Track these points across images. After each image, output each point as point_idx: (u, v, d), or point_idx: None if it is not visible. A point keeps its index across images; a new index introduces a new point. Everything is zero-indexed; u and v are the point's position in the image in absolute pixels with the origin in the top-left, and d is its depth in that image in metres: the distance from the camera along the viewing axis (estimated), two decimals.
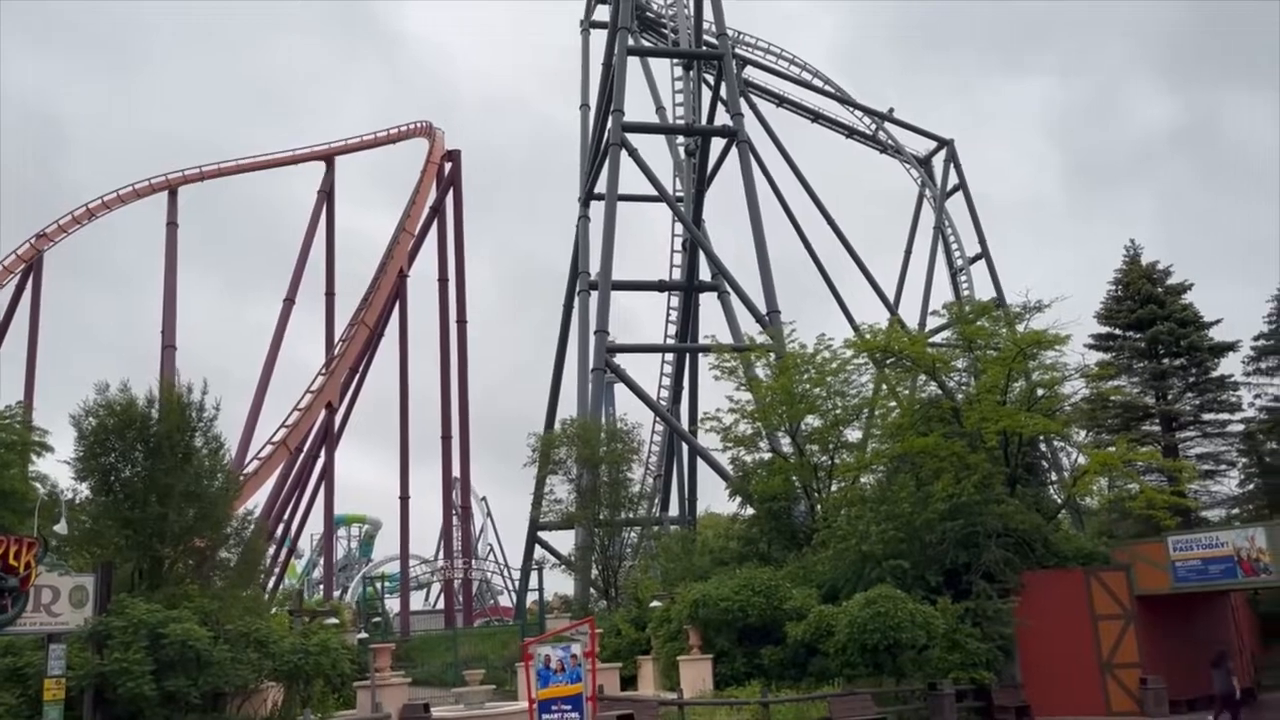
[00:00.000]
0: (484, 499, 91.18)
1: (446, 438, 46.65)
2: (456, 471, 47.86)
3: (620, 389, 48.45)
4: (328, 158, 49.84)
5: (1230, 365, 35.00)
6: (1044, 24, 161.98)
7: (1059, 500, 28.10)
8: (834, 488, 28.16)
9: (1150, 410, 33.89)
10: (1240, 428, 34.16)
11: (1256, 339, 35.53)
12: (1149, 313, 34.50)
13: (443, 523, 53.77)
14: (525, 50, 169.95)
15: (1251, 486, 34.82)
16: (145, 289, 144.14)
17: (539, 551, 38.38)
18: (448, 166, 52.03)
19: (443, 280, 49.39)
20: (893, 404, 29.31)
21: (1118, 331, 35.50)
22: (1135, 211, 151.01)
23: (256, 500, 37.09)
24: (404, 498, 46.33)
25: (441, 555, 61.38)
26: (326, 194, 49.26)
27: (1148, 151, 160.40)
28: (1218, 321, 34.67)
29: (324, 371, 44.83)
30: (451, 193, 51.68)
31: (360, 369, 48.54)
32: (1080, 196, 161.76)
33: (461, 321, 49.39)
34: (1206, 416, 34.09)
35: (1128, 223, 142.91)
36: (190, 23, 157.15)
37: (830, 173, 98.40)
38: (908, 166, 61.82)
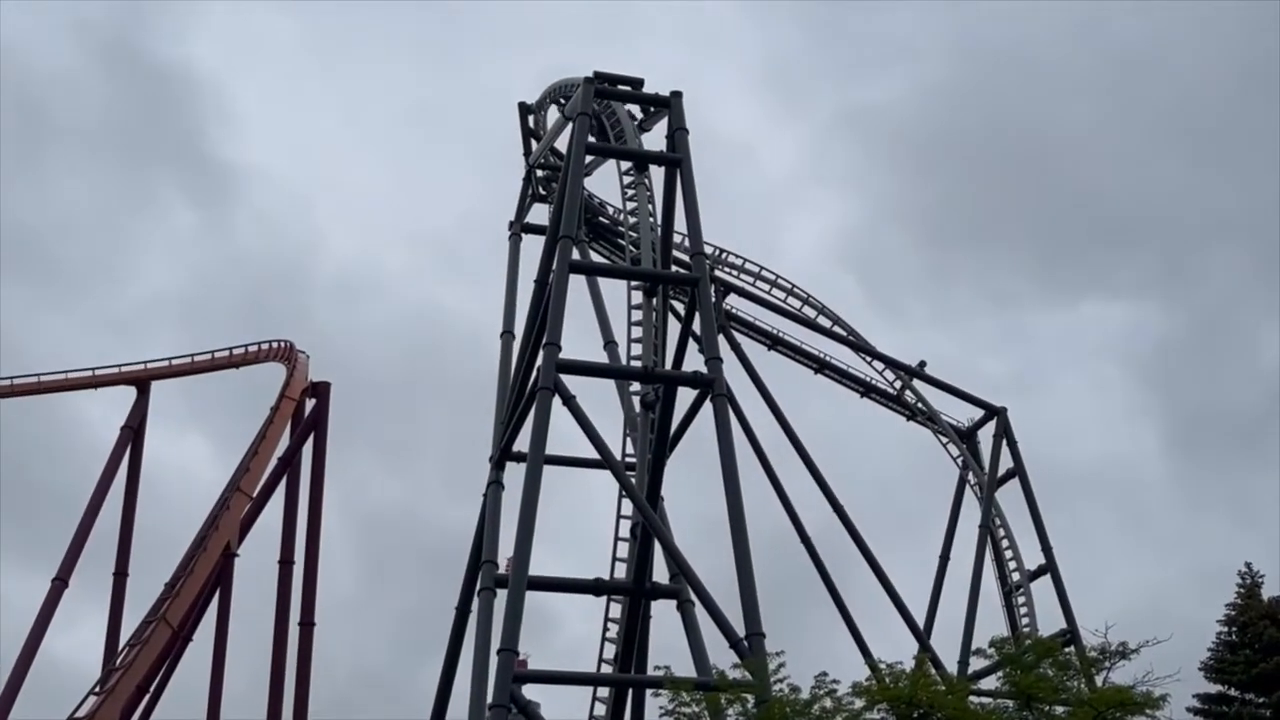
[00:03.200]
0: None
1: None
2: None
3: None
4: (141, 381, 50.37)
5: None
6: (1135, 221, 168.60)
7: None
8: None
9: None
10: None
11: None
12: (1274, 667, 34.95)
13: None
14: (435, 251, 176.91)
15: None
16: None
17: None
18: (309, 404, 52.66)
19: (285, 563, 48.94)
20: None
21: (1233, 692, 35.76)
22: (1262, 496, 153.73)
23: None
24: None
25: None
26: (133, 430, 49.42)
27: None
28: None
29: (97, 691, 43.23)
30: (312, 440, 52.06)
31: (155, 687, 46.86)
32: (1189, 474, 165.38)
33: (307, 624, 48.50)
34: None
35: (1251, 515, 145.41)
36: None
37: (841, 443, 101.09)
38: (945, 441, 63.63)
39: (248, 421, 53.78)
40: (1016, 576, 59.85)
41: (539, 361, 41.99)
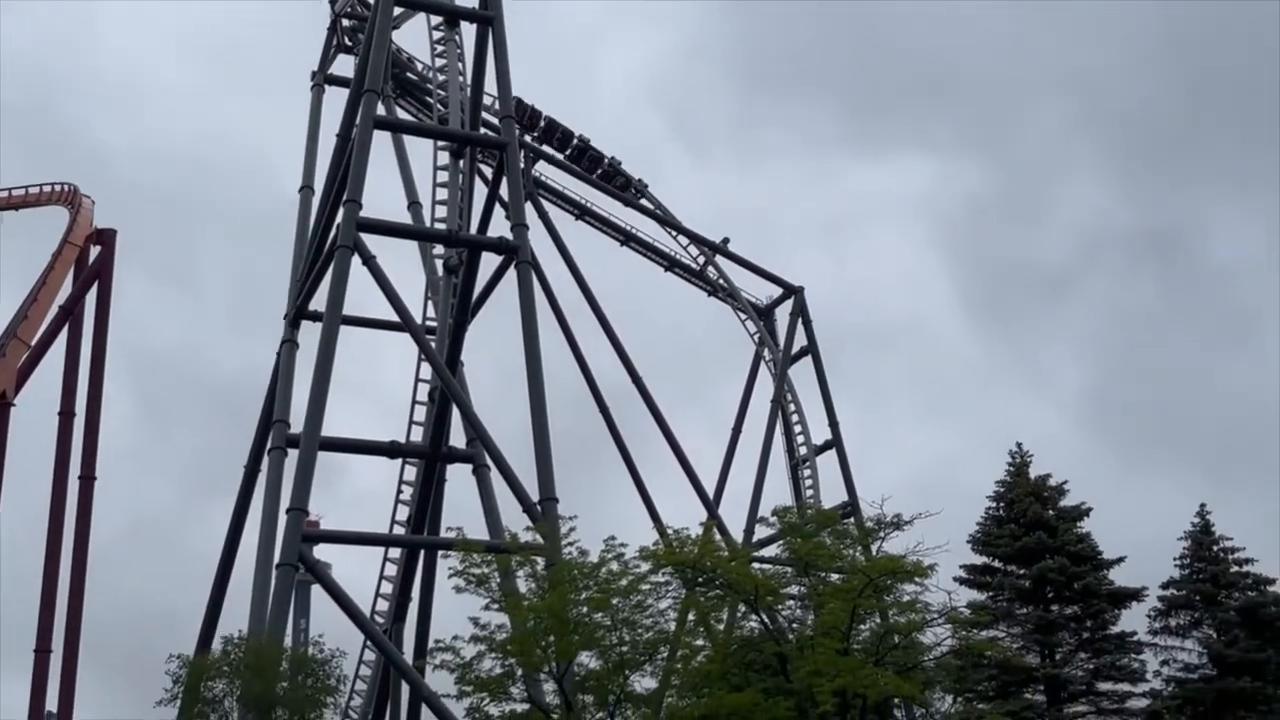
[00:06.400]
0: None
1: (43, 651, 43.84)
2: (53, 704, 44.84)
3: (319, 595, 46.84)
4: None
5: (1133, 620, 37.97)
6: (953, 77, 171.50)
7: None
8: None
9: (1034, 673, 36.02)
10: (1144, 704, 36.72)
11: (1165, 586, 38.71)
12: (1036, 541, 37.17)
13: None
14: (233, 92, 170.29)
15: None
16: None
17: None
18: (94, 252, 50.63)
19: (66, 414, 47.47)
20: (701, 642, 29.83)
21: (997, 564, 37.95)
22: (1056, 367, 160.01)
23: None
24: None
25: None
26: None
27: (1079, 273, 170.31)
28: (1120, 560, 37.68)
29: None
30: (96, 289, 50.14)
31: None
32: (987, 337, 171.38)
33: (88, 478, 47.20)
34: (1102, 686, 36.55)
35: (1042, 382, 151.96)
36: None
37: (643, 316, 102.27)
38: (743, 318, 65.03)
39: (27, 268, 51.52)
40: (804, 450, 61.92)
41: (339, 219, 41.05)
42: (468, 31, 45.69)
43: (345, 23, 53.96)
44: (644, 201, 62.25)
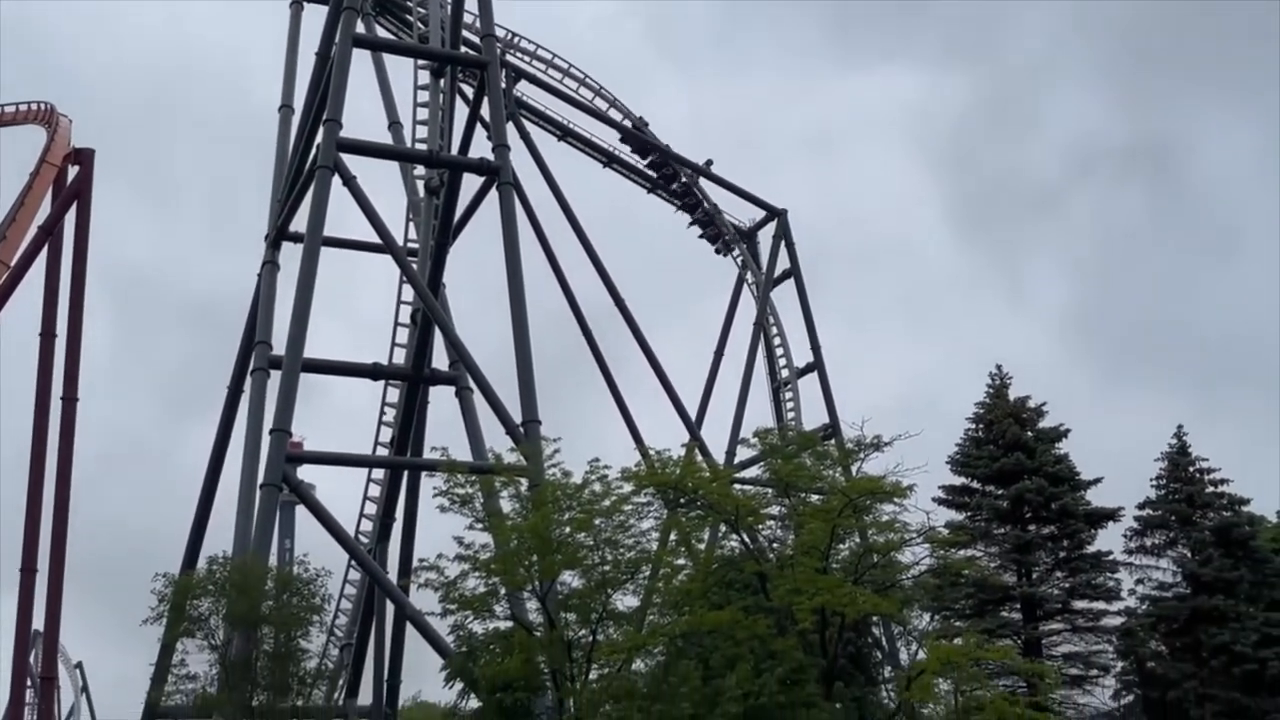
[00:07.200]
0: (79, 666, 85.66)
1: (29, 570, 44.09)
2: (39, 622, 45.17)
3: (303, 516, 47.20)
4: None
5: (1109, 539, 38.55)
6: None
7: (892, 706, 29.61)
8: (594, 675, 28.38)
9: (1011, 591, 36.57)
10: (1118, 622, 37.34)
11: (1141, 506, 39.22)
12: (1014, 463, 37.55)
13: (10, 699, 50.12)
14: (209, 7, 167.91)
15: (1130, 699, 37.98)
16: None
17: None
18: (73, 171, 50.22)
19: (47, 335, 47.37)
20: (682, 561, 30.19)
21: (975, 485, 38.37)
22: (1041, 284, 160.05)
23: None
24: None
25: None
26: None
27: (1065, 190, 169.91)
28: (1097, 481, 38.15)
29: None
30: (75, 210, 49.78)
31: None
32: (971, 253, 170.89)
33: (70, 399, 47.20)
34: (1078, 604, 37.15)
35: (1027, 304, 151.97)
36: None
37: (625, 239, 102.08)
38: (726, 239, 64.96)
39: (4, 189, 51.12)
40: (785, 374, 62.23)
41: (319, 139, 40.78)
42: None
43: None
44: (627, 122, 61.77)
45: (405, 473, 44.83)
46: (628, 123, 61.70)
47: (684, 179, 63.85)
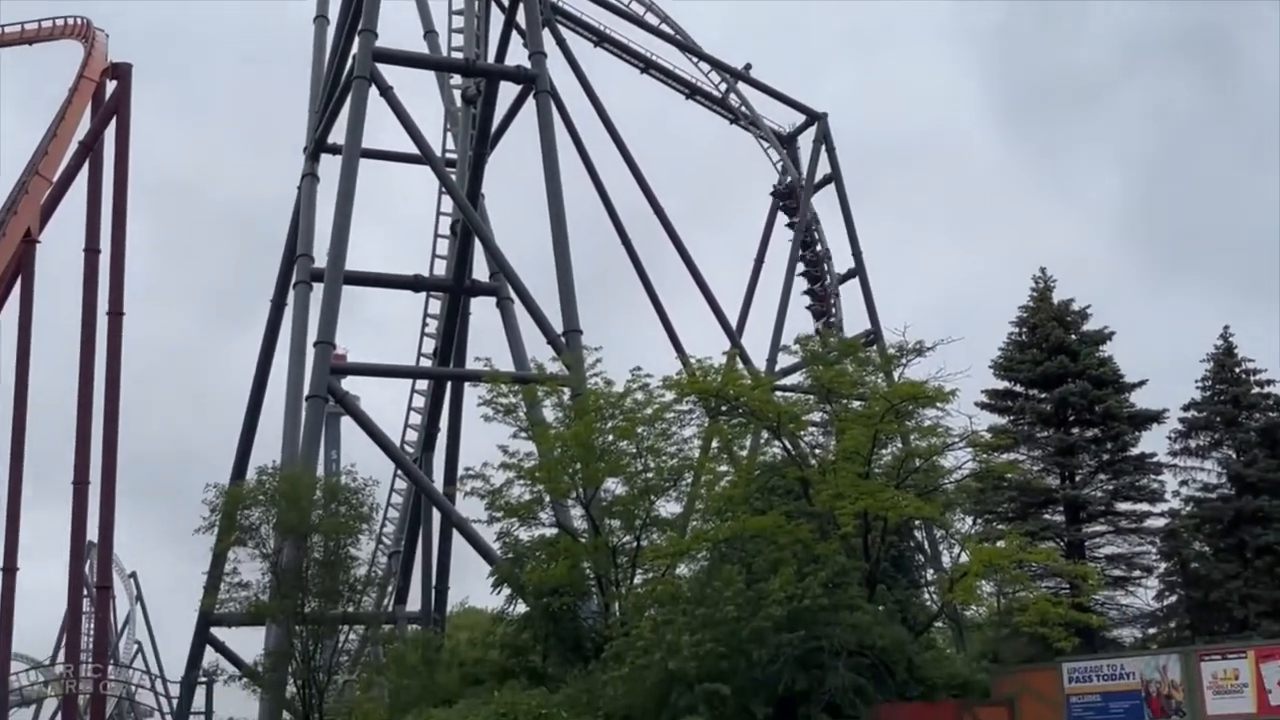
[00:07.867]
0: (133, 575, 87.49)
1: (82, 483, 44.73)
2: (94, 534, 45.97)
3: (349, 426, 47.81)
4: None
5: (1154, 442, 38.36)
6: None
7: (935, 608, 29.87)
8: (639, 580, 28.81)
9: (1054, 494, 36.53)
10: (1162, 523, 37.28)
11: (1186, 408, 38.90)
12: (1058, 366, 37.19)
13: (68, 608, 51.20)
14: None
15: (1173, 600, 38.04)
16: None
17: (211, 656, 37.63)
18: (110, 86, 50.15)
19: (91, 251, 47.50)
20: (725, 468, 30.39)
21: (1018, 389, 38.14)
22: (1088, 181, 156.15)
23: None
24: (9, 569, 43.95)
25: (63, 656, 58.32)
26: None
27: (1112, 82, 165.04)
28: (1141, 383, 37.84)
29: None
30: (115, 125, 49.77)
31: None
32: (1019, 149, 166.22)
33: (116, 314, 47.53)
34: (1121, 506, 37.06)
35: (1074, 203, 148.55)
36: None
37: (664, 145, 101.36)
38: (765, 146, 64.35)
39: (44, 103, 51.20)
40: (827, 280, 61.96)
41: (354, 49, 40.67)
42: None
43: None
44: (665, 27, 60.95)
45: (449, 383, 45.24)
46: (665, 27, 60.92)
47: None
